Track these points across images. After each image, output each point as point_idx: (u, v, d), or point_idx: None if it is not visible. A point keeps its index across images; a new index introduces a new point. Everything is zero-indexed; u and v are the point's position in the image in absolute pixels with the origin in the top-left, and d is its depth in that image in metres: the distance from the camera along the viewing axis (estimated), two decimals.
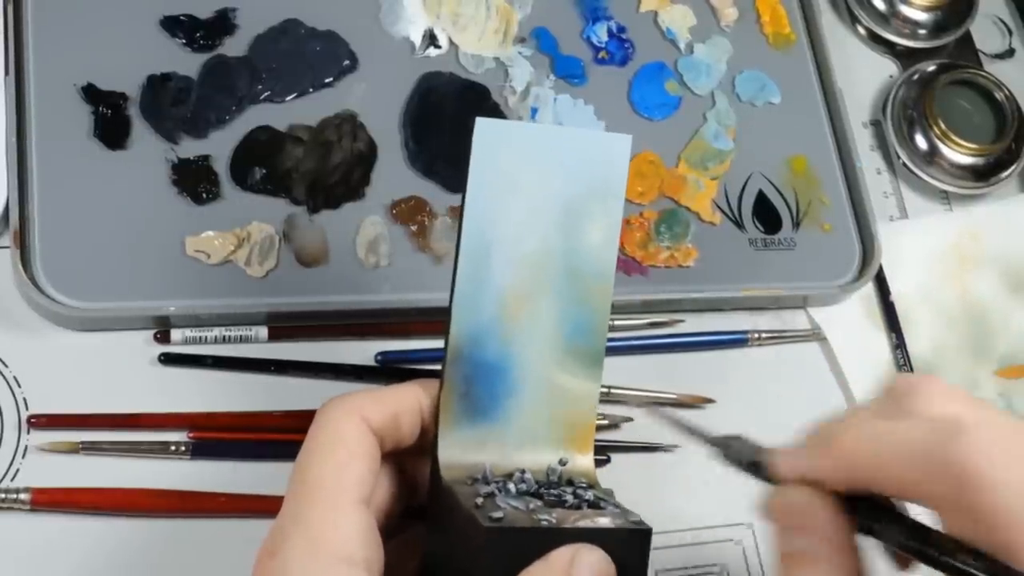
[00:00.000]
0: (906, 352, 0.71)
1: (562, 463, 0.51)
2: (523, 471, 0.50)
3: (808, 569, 0.46)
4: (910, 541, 0.45)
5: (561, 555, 0.45)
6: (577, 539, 0.46)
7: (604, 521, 0.47)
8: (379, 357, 0.65)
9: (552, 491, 0.49)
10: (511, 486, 0.49)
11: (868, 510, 0.47)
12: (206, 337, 0.64)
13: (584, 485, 0.50)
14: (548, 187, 0.51)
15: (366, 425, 0.48)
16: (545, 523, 0.46)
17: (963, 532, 0.43)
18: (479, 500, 0.47)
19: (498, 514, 0.46)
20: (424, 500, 0.50)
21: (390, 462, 0.51)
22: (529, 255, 0.51)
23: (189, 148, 0.67)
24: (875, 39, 0.80)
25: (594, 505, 0.49)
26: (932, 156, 0.76)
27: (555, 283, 0.51)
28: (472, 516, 0.46)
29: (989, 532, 0.42)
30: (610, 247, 0.52)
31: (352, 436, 0.48)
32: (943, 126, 0.76)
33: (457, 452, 0.50)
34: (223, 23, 0.70)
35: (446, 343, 0.50)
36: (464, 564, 0.47)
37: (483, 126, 0.50)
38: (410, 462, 0.51)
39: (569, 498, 0.49)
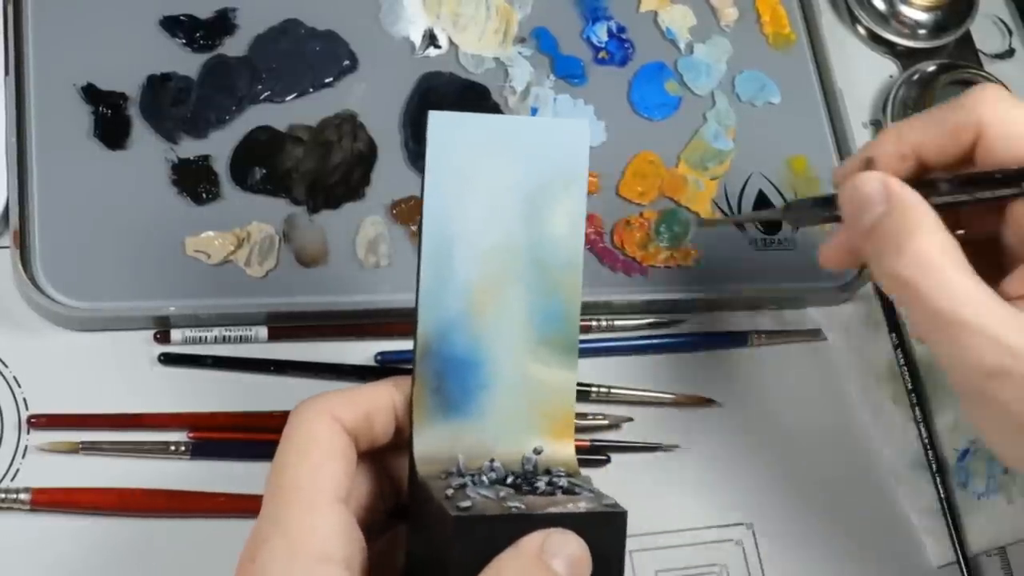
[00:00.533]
0: (906, 352, 0.71)
1: (536, 452, 0.51)
2: (492, 460, 0.50)
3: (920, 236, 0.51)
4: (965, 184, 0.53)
5: (532, 540, 0.45)
6: (549, 525, 0.46)
7: (576, 506, 0.47)
8: (379, 357, 0.65)
9: (524, 480, 0.49)
10: (483, 477, 0.49)
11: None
12: (206, 337, 0.64)
13: (561, 473, 0.50)
14: (508, 178, 0.51)
15: (339, 425, 0.49)
16: (515, 510, 0.46)
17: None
18: (449, 491, 0.47)
19: (466, 503, 0.46)
20: (406, 499, 0.51)
21: (374, 461, 0.51)
22: (493, 248, 0.50)
23: (189, 148, 0.67)
24: (875, 39, 0.80)
25: (568, 491, 0.48)
26: None
27: (522, 274, 0.51)
28: (441, 507, 0.46)
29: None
30: (576, 235, 0.51)
31: (324, 437, 0.48)
32: None
33: (433, 447, 0.50)
34: (223, 23, 0.70)
35: (415, 340, 0.50)
36: (438, 556, 0.47)
37: (436, 119, 0.50)
38: (393, 461, 0.52)
39: (541, 485, 0.49)
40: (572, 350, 0.52)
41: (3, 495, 0.58)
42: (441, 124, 0.50)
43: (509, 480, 0.49)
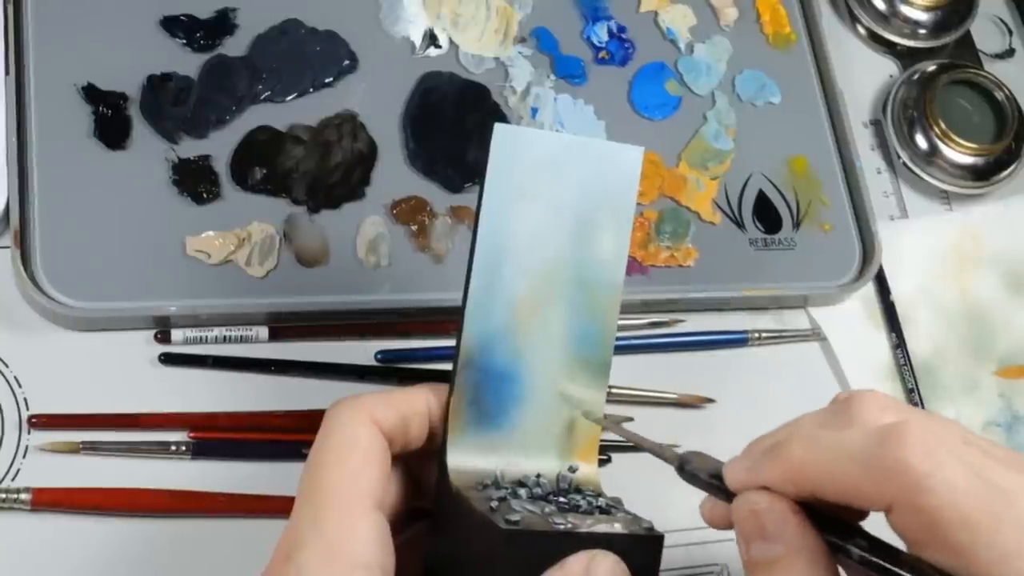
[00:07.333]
0: (906, 352, 0.71)
1: (572, 470, 0.51)
2: (539, 475, 0.50)
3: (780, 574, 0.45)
4: (873, 556, 0.44)
5: (577, 560, 0.45)
6: (592, 544, 0.46)
7: (618, 527, 0.47)
8: (379, 356, 0.65)
9: (562, 498, 0.49)
10: (522, 491, 0.49)
11: (828, 522, 0.45)
12: (206, 337, 0.64)
13: (592, 493, 0.50)
14: (562, 197, 0.51)
15: (377, 428, 0.48)
16: (561, 527, 0.46)
17: (911, 534, 0.43)
18: (493, 504, 0.47)
19: (515, 517, 0.46)
20: (428, 502, 0.50)
21: (397, 463, 0.51)
22: (541, 264, 0.51)
23: (189, 148, 0.67)
24: (875, 39, 0.81)
25: (605, 511, 0.49)
26: (932, 156, 0.76)
27: (565, 292, 0.51)
28: (488, 519, 0.46)
29: (938, 532, 0.42)
30: (619, 259, 0.52)
31: (365, 440, 0.48)
32: (943, 126, 0.76)
33: (466, 458, 0.50)
34: (223, 23, 0.70)
35: (457, 349, 0.50)
36: (477, 568, 0.47)
37: (501, 132, 0.50)
38: (415, 464, 0.51)
39: (583, 503, 0.49)
40: (604, 372, 0.52)
41: (4, 495, 0.58)
42: (504, 137, 0.50)
43: (546, 496, 0.49)
